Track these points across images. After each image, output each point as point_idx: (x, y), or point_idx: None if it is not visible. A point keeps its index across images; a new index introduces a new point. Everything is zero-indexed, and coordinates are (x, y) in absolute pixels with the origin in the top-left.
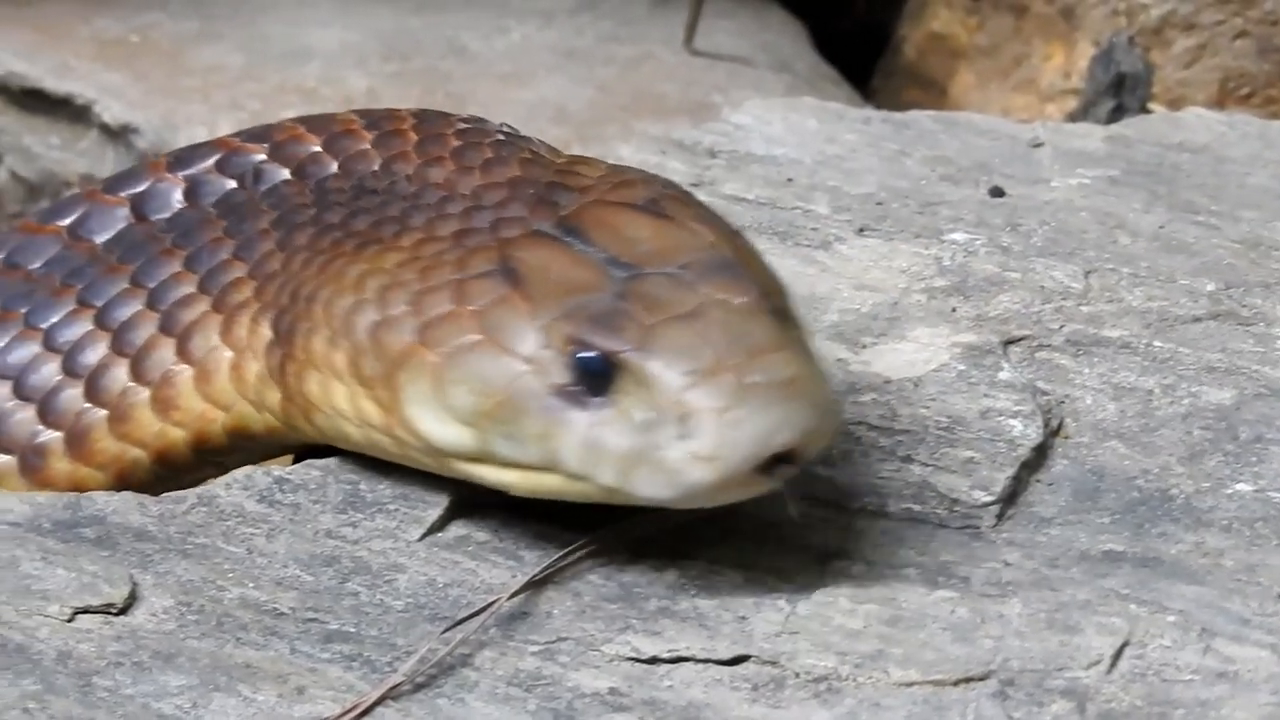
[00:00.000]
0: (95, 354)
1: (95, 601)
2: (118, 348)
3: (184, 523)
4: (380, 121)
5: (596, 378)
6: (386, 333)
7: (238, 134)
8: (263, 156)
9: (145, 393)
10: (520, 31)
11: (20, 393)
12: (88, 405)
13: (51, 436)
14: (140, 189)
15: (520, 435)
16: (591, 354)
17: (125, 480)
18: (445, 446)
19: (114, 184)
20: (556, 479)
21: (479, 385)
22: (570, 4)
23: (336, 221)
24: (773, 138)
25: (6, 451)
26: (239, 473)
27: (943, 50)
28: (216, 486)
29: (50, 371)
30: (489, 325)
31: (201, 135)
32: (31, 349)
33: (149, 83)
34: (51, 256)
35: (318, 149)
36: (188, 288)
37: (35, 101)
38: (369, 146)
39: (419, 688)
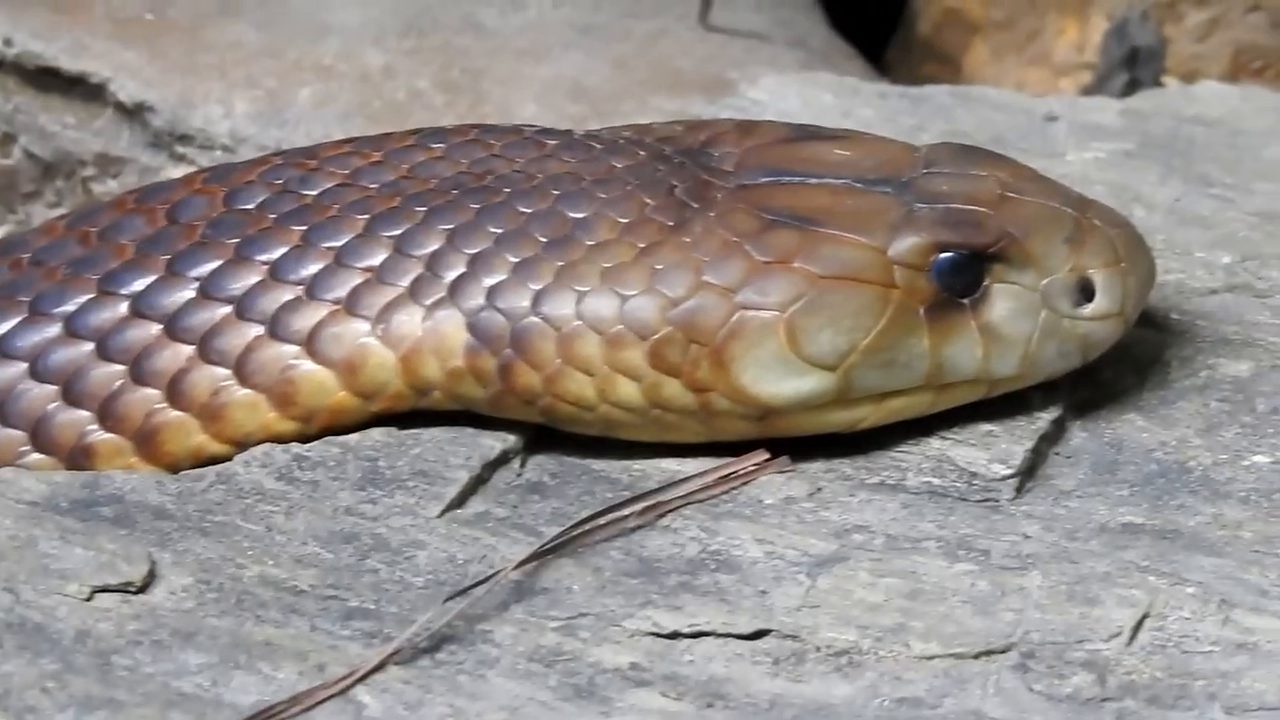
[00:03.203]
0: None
1: (114, 580)
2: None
3: (202, 501)
4: (440, 134)
5: (964, 277)
6: (691, 314)
7: (277, 153)
8: (312, 166)
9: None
10: (537, 7)
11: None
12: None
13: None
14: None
15: (901, 359)
16: (953, 255)
17: None
18: (792, 401)
19: (147, 194)
20: (926, 396)
21: (848, 324)
22: None
23: (467, 221)
24: (789, 113)
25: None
26: (257, 450)
27: (957, 24)
28: (235, 464)
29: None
30: (827, 266)
31: (218, 113)
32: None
33: (165, 60)
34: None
35: (378, 159)
36: (285, 293)
37: (50, 80)
38: (440, 157)
39: (440, 664)
